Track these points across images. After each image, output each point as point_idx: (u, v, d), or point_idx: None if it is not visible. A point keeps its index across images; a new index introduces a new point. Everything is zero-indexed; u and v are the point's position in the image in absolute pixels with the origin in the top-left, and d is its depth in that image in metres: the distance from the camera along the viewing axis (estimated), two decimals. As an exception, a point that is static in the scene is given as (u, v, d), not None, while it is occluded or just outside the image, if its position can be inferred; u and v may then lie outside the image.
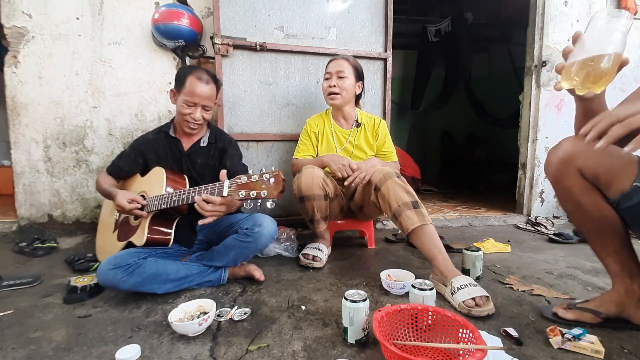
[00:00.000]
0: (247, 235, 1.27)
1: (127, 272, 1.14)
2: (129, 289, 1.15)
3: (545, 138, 2.49)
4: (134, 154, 1.45)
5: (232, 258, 1.31)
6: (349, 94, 1.65)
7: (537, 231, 2.21)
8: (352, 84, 1.66)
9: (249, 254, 1.33)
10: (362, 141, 1.72)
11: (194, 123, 1.38)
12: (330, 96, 1.65)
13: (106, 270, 1.13)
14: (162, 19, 1.84)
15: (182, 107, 1.36)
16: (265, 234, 1.27)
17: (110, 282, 1.13)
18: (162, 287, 1.20)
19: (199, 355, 0.88)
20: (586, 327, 0.94)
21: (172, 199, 1.20)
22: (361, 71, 1.71)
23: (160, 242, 1.28)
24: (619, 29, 0.71)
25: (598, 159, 0.88)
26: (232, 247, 1.29)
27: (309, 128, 1.75)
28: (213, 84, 1.39)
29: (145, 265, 1.18)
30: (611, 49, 0.71)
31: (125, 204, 1.24)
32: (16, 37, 1.92)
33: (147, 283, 1.17)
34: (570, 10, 2.45)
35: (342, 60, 1.65)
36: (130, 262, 1.16)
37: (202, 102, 1.35)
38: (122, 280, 1.13)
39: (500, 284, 1.33)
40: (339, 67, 1.63)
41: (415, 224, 1.26)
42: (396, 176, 1.37)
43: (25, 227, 2.02)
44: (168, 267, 1.23)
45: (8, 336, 0.98)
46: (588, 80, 0.73)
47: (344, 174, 1.46)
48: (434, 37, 4.53)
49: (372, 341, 0.92)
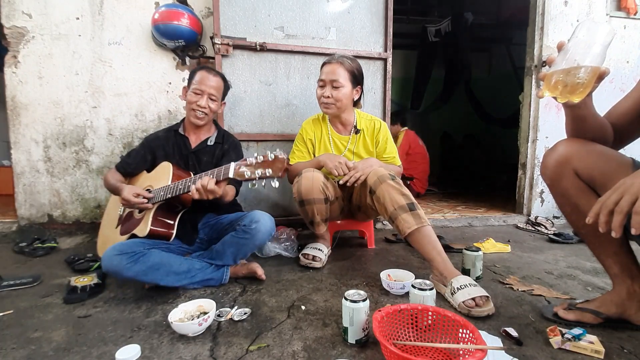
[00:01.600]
0: (244, 232, 1.29)
1: (132, 259, 1.15)
2: (132, 276, 1.16)
3: (545, 138, 2.49)
4: (143, 150, 1.50)
5: (231, 255, 1.32)
6: (344, 104, 1.56)
7: (537, 231, 2.21)
8: (348, 92, 1.55)
9: (247, 251, 1.34)
10: (361, 148, 1.67)
11: (200, 110, 1.44)
12: (324, 105, 1.57)
13: (112, 255, 1.14)
14: (162, 19, 1.84)
15: (191, 95, 1.45)
16: (262, 230, 1.29)
17: (114, 268, 1.14)
18: (165, 279, 1.21)
19: (199, 355, 0.88)
20: (586, 327, 0.94)
21: (177, 187, 1.24)
22: (359, 74, 1.59)
23: (163, 235, 1.30)
24: (599, 41, 0.73)
25: (594, 160, 0.89)
26: (230, 244, 1.31)
27: (304, 134, 1.69)
28: (220, 78, 1.50)
29: (150, 254, 1.20)
30: (588, 62, 0.73)
31: (130, 197, 1.27)
32: (16, 37, 1.92)
33: (151, 272, 1.18)
34: (570, 10, 2.45)
35: (337, 65, 1.52)
36: (136, 250, 1.18)
37: (208, 90, 1.44)
38: (126, 267, 1.14)
39: (500, 284, 1.33)
40: (333, 76, 1.52)
41: (412, 226, 1.25)
42: (390, 178, 1.35)
43: (25, 227, 2.02)
44: (172, 260, 1.25)
45: (8, 336, 0.98)
46: (566, 90, 0.76)
47: (339, 172, 1.44)
48: (434, 37, 4.53)
49: (372, 341, 0.92)
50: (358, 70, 1.59)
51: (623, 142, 0.97)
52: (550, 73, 0.77)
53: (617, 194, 0.69)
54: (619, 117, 0.95)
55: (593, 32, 0.74)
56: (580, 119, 0.89)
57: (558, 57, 0.77)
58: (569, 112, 0.91)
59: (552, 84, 0.77)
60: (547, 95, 0.80)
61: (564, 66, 0.75)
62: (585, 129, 0.91)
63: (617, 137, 0.95)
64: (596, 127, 0.91)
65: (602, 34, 0.73)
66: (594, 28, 0.74)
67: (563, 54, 0.76)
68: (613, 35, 0.74)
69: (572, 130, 0.94)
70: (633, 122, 0.94)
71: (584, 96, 0.77)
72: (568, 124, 0.94)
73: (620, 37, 2.55)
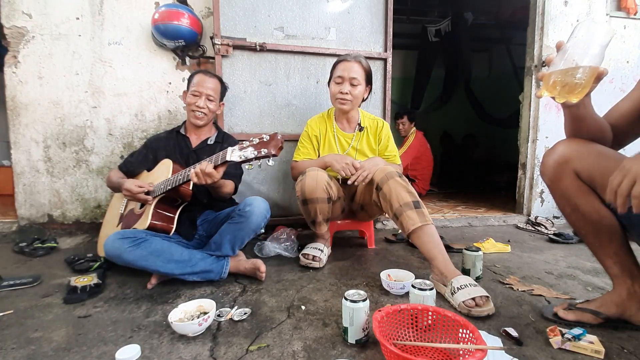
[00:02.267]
0: (240, 216, 1.32)
1: (134, 243, 1.18)
2: (132, 260, 1.17)
3: (545, 138, 2.49)
4: (145, 150, 1.57)
5: (228, 243, 1.33)
6: (358, 101, 1.62)
7: (537, 231, 2.21)
8: (363, 90, 1.60)
9: (244, 236, 1.35)
10: (364, 145, 1.70)
11: (199, 111, 1.50)
12: (340, 101, 1.59)
13: (114, 239, 1.18)
14: (162, 19, 1.84)
15: (190, 98, 1.51)
16: (256, 212, 1.31)
17: (116, 251, 1.16)
18: (165, 266, 1.22)
19: (199, 355, 0.88)
20: (586, 327, 0.94)
21: (177, 178, 1.28)
22: (371, 74, 1.65)
23: (163, 229, 1.34)
24: (598, 41, 0.73)
25: (593, 160, 0.89)
26: (227, 232, 1.34)
27: (310, 130, 1.72)
28: (217, 80, 1.56)
29: (152, 240, 1.23)
30: (587, 62, 0.73)
31: (132, 187, 1.31)
32: (16, 37, 1.92)
33: (152, 258, 1.20)
34: (570, 10, 2.45)
35: (356, 63, 1.56)
36: (138, 235, 1.21)
37: (206, 91, 1.50)
38: (127, 250, 1.16)
39: (500, 284, 1.33)
40: (352, 74, 1.55)
41: (416, 224, 1.26)
42: (398, 176, 1.37)
43: (25, 227, 2.02)
44: (173, 248, 1.27)
45: (8, 336, 0.98)
46: (564, 91, 0.76)
47: (347, 173, 1.46)
48: (434, 37, 4.54)
49: (372, 341, 0.92)
50: (370, 70, 1.65)
51: (622, 143, 0.97)
52: (549, 73, 0.77)
53: (620, 176, 0.71)
54: (619, 119, 0.95)
55: (592, 32, 0.74)
56: (579, 118, 0.89)
57: (557, 57, 0.78)
58: (568, 112, 0.91)
59: (551, 84, 0.77)
60: (545, 95, 0.80)
61: (562, 66, 0.75)
62: (584, 129, 0.91)
63: (617, 138, 0.95)
64: (595, 128, 0.91)
65: (601, 34, 0.73)
66: (592, 28, 0.74)
67: (562, 54, 0.76)
68: (612, 35, 0.74)
69: (571, 130, 0.94)
70: (632, 124, 0.94)
71: (582, 96, 0.77)
72: (567, 124, 0.95)
73: (620, 37, 2.55)
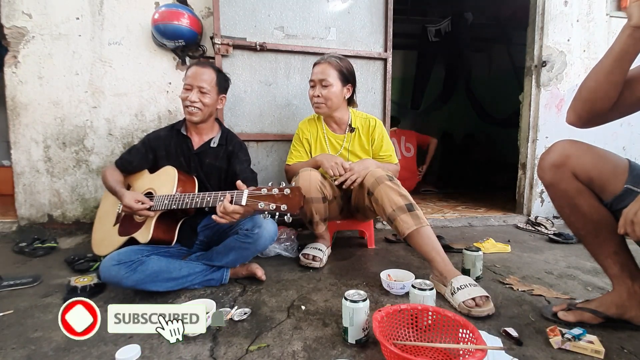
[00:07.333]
0: (247, 237, 1.26)
1: (130, 269, 1.14)
2: (132, 285, 1.15)
3: (545, 138, 2.49)
4: (144, 149, 1.46)
5: (231, 259, 1.31)
6: (334, 102, 1.57)
7: (537, 231, 2.22)
8: (338, 90, 1.55)
9: (249, 255, 1.33)
10: (356, 147, 1.67)
11: (192, 106, 1.37)
12: (315, 105, 1.58)
13: (110, 266, 1.13)
14: (162, 19, 1.84)
15: (182, 92, 1.40)
16: (265, 236, 1.26)
17: (113, 279, 1.13)
18: (164, 285, 1.20)
19: (199, 355, 0.88)
20: (586, 327, 0.94)
21: (184, 200, 1.19)
22: (349, 72, 1.58)
23: (164, 241, 1.29)
24: None
25: (591, 161, 0.89)
26: (232, 248, 1.29)
27: (301, 134, 1.70)
28: (210, 69, 1.42)
29: (148, 262, 1.19)
30: None
31: (132, 204, 1.23)
32: (16, 37, 1.92)
33: (150, 281, 1.17)
34: (570, 10, 2.45)
35: (326, 65, 1.54)
36: (133, 258, 1.17)
37: (197, 83, 1.37)
38: (125, 277, 1.13)
39: (500, 284, 1.33)
40: (322, 75, 1.53)
41: (411, 227, 1.25)
42: (388, 179, 1.34)
43: (25, 227, 2.02)
44: (171, 266, 1.23)
45: (8, 336, 0.98)
46: None
47: (335, 172, 1.44)
48: (434, 37, 4.53)
49: (372, 341, 0.92)
50: (347, 68, 1.58)
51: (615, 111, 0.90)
52: None
53: (636, 206, 0.76)
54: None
55: None
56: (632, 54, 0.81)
57: None
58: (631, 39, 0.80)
59: None
60: None
61: None
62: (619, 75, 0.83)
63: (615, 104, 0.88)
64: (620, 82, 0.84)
65: None
66: None
67: None
68: None
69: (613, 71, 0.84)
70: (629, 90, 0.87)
71: None
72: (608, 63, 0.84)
73: (620, 37, 2.55)
